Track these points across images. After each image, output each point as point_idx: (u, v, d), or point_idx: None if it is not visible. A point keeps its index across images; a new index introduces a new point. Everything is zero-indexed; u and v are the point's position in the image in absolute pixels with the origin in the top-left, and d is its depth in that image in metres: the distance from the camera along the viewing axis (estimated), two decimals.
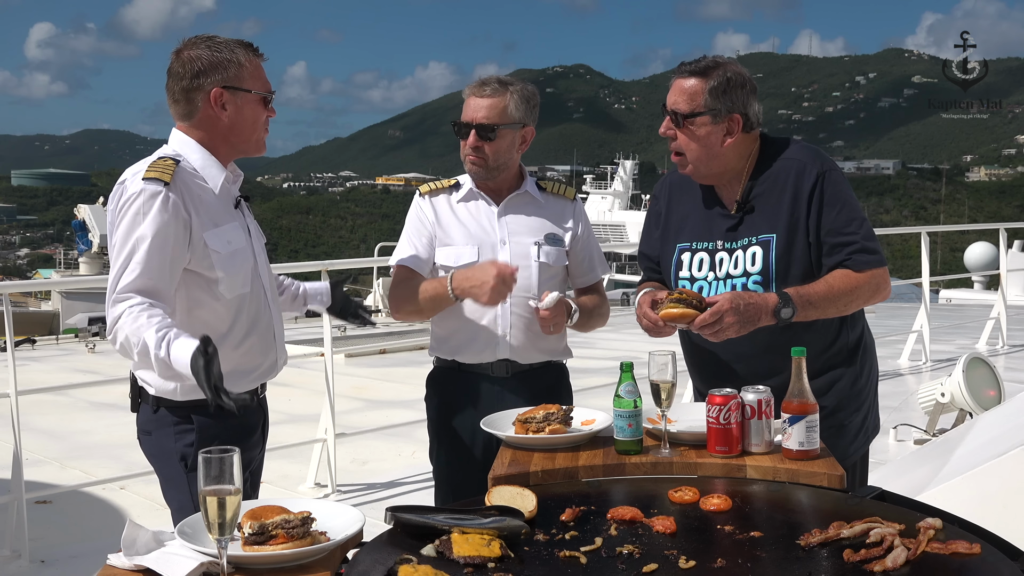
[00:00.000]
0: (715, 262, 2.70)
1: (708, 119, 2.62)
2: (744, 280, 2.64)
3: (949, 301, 18.92)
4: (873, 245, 2.62)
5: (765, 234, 2.63)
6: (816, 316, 2.56)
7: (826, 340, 2.68)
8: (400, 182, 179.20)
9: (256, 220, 2.67)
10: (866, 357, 2.80)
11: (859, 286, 2.58)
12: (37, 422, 7.15)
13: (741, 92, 2.63)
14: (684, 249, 2.76)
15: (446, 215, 2.94)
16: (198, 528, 1.69)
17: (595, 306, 2.98)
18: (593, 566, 1.70)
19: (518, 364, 2.86)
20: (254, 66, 2.47)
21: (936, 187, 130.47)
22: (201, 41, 2.44)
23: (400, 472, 5.72)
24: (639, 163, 64.16)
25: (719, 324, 2.45)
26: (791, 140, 2.75)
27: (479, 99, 2.82)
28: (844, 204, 2.61)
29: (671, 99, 2.67)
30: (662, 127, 2.72)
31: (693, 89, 2.63)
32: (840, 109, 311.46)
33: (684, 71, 2.66)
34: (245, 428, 2.54)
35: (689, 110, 2.63)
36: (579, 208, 3.02)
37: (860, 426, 2.76)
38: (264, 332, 2.55)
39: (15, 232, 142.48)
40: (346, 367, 9.46)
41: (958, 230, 32.15)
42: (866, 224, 2.64)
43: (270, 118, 2.53)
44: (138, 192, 2.32)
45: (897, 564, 1.62)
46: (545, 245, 2.89)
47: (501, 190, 2.92)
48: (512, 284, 2.68)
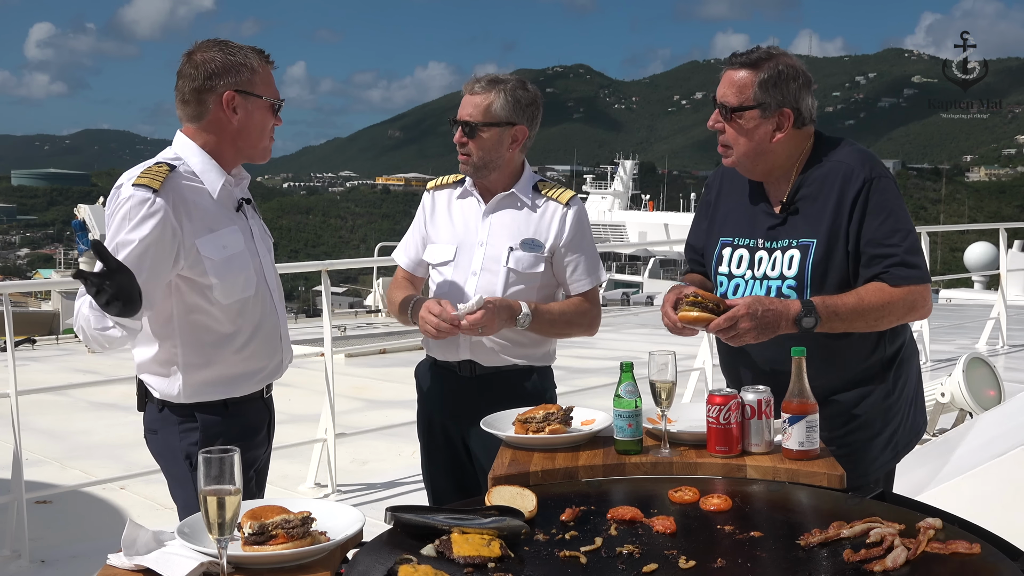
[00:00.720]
0: (754, 260, 2.62)
1: (757, 113, 2.53)
2: (779, 283, 2.56)
3: (949, 301, 18.91)
4: (915, 260, 2.49)
5: (806, 238, 2.54)
6: (843, 329, 2.47)
7: (862, 353, 2.59)
8: (400, 182, 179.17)
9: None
10: (902, 371, 2.66)
11: (892, 301, 2.46)
12: (37, 422, 7.15)
13: (793, 85, 2.53)
14: (726, 244, 2.69)
15: (441, 211, 2.97)
16: (198, 528, 1.69)
17: (565, 312, 2.86)
18: (593, 566, 1.70)
19: (481, 366, 2.85)
20: (266, 72, 2.48)
21: (936, 187, 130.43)
22: (214, 44, 2.45)
23: (400, 472, 5.72)
24: (639, 163, 64.21)
25: (734, 329, 2.40)
26: (844, 141, 2.64)
27: (470, 96, 2.83)
28: (889, 214, 2.49)
29: (720, 91, 2.58)
30: (711, 119, 2.61)
31: (743, 81, 2.53)
32: (840, 109, 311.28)
33: (735, 62, 2.57)
34: (250, 427, 2.55)
35: (738, 103, 2.54)
36: (572, 214, 2.89)
37: (887, 442, 2.63)
38: (270, 334, 2.56)
39: (15, 232, 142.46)
40: (346, 367, 9.46)
41: (958, 230, 32.19)
42: (912, 236, 2.51)
43: (276, 126, 2.54)
44: (127, 198, 2.33)
45: (897, 564, 1.62)
46: (518, 250, 2.84)
47: (494, 189, 2.91)
48: (448, 331, 2.70)
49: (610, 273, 40.02)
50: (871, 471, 2.59)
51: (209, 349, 2.45)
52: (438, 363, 2.94)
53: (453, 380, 2.90)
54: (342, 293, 31.20)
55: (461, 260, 2.88)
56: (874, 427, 2.61)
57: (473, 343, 2.83)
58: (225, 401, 2.48)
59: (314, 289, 28.04)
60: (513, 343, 2.83)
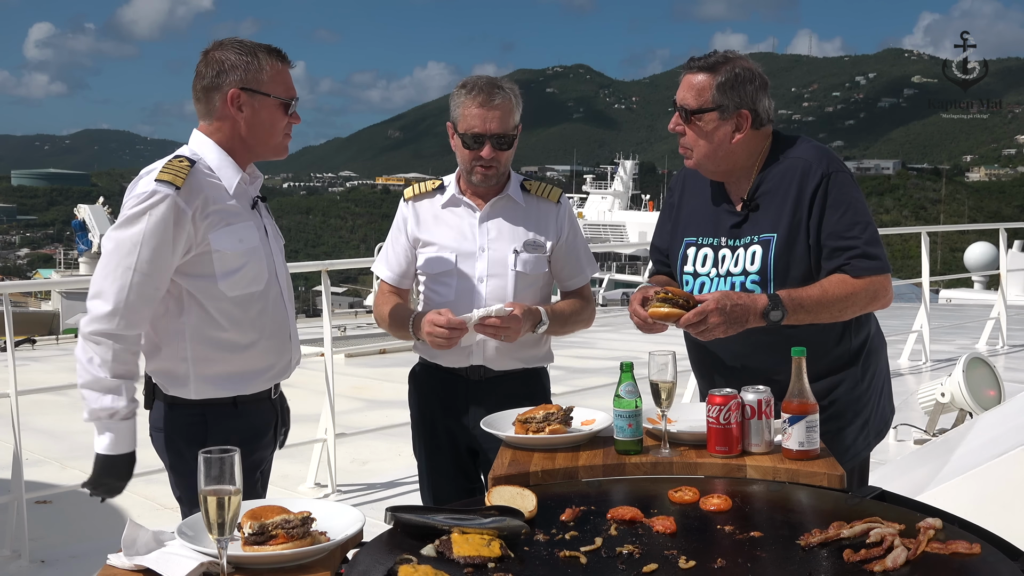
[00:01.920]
0: (718, 258, 2.68)
1: (716, 115, 2.59)
2: (743, 279, 2.62)
3: (949, 301, 18.92)
4: (875, 251, 2.56)
5: (766, 233, 2.60)
6: (809, 320, 2.52)
7: (828, 343, 2.65)
8: (400, 182, 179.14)
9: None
10: (870, 361, 2.75)
11: (855, 292, 2.53)
12: (37, 422, 7.15)
13: (750, 87, 2.59)
14: (690, 244, 2.74)
15: (428, 221, 2.93)
16: (198, 528, 1.69)
17: (573, 311, 2.94)
18: (593, 566, 1.70)
19: (491, 370, 2.86)
20: (276, 71, 2.48)
21: (936, 187, 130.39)
22: (229, 43, 2.48)
23: (400, 472, 5.72)
24: (639, 163, 64.19)
25: (704, 324, 2.44)
26: (801, 138, 2.71)
27: (490, 110, 2.75)
28: (848, 207, 2.56)
29: (680, 95, 2.64)
30: (671, 123, 2.67)
31: (701, 85, 2.59)
32: (840, 109, 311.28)
33: (693, 66, 2.62)
34: (257, 428, 2.56)
35: (697, 106, 2.60)
36: (563, 211, 2.95)
37: (860, 431, 2.72)
38: (279, 332, 2.57)
39: (15, 232, 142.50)
40: (346, 367, 9.46)
41: (958, 230, 32.20)
42: (870, 228, 2.58)
43: (293, 124, 2.55)
44: (150, 192, 2.35)
45: (897, 564, 1.62)
46: (523, 253, 2.86)
47: (487, 193, 2.89)
48: (458, 335, 2.69)
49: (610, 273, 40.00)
50: (845, 460, 2.63)
51: (219, 345, 2.45)
52: (442, 368, 2.92)
53: (461, 385, 2.89)
54: (342, 293, 31.20)
55: (464, 268, 2.86)
56: (845, 416, 2.68)
57: (483, 348, 2.83)
58: (235, 399, 2.49)
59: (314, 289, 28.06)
60: (520, 345, 2.83)
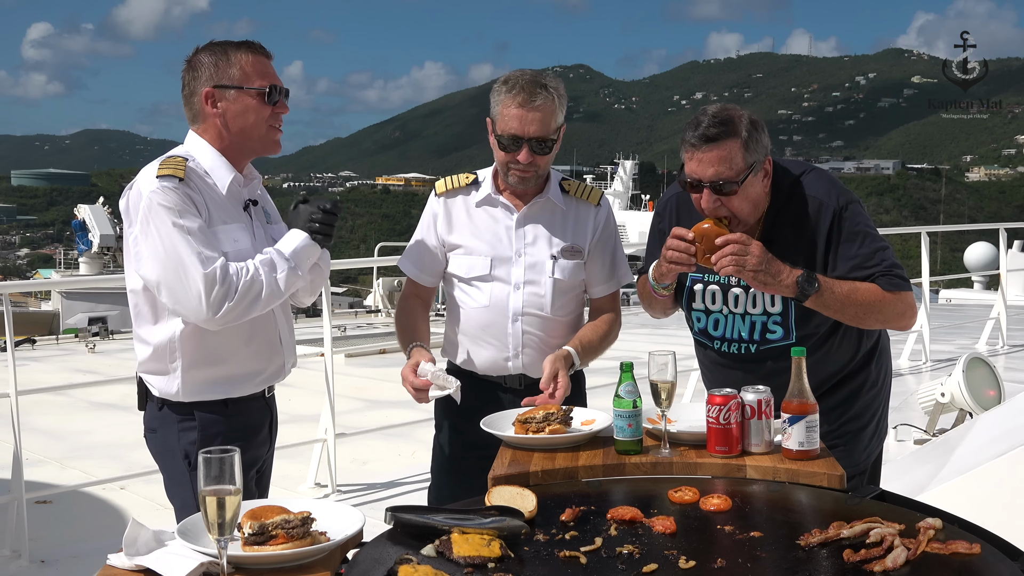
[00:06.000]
0: (727, 297, 2.62)
1: (752, 175, 2.48)
2: (764, 319, 2.59)
3: (949, 301, 18.90)
4: (901, 272, 2.54)
5: None
6: (833, 309, 2.48)
7: (846, 357, 2.65)
8: (400, 182, 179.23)
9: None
10: (882, 360, 2.76)
11: (883, 301, 2.49)
12: (37, 422, 7.16)
13: (761, 133, 2.51)
14: (696, 280, 2.66)
15: (461, 220, 2.79)
16: (198, 528, 1.69)
17: (602, 337, 2.81)
18: (593, 566, 1.70)
19: (529, 377, 2.78)
20: (246, 62, 2.46)
21: (936, 187, 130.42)
22: (206, 47, 2.49)
23: (400, 472, 5.72)
24: (639, 163, 64.10)
25: (745, 251, 2.39)
26: (805, 169, 2.62)
27: (530, 111, 2.60)
28: (865, 237, 2.53)
29: (706, 172, 2.46)
30: (706, 202, 2.48)
31: (730, 153, 2.44)
32: (840, 109, 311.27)
33: (706, 138, 2.44)
34: (249, 427, 2.55)
35: (736, 175, 2.45)
36: (602, 212, 2.83)
37: (874, 431, 2.74)
38: (269, 336, 2.56)
39: (15, 232, 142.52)
40: (346, 367, 9.46)
41: (958, 230, 32.14)
42: (889, 252, 2.55)
43: (282, 115, 2.52)
44: (157, 189, 2.34)
45: (897, 564, 1.62)
46: (561, 259, 2.75)
47: (526, 194, 2.75)
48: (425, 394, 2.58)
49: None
50: (861, 460, 2.67)
51: (207, 348, 2.44)
52: (477, 376, 2.80)
53: (500, 391, 2.79)
54: (342, 293, 31.18)
55: (498, 273, 2.75)
56: (864, 418, 2.70)
57: (525, 360, 2.75)
58: (225, 400, 2.49)
59: None
60: (553, 349, 2.72)
